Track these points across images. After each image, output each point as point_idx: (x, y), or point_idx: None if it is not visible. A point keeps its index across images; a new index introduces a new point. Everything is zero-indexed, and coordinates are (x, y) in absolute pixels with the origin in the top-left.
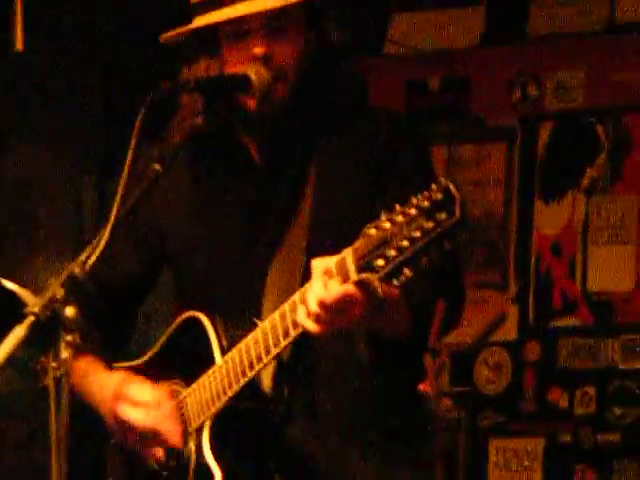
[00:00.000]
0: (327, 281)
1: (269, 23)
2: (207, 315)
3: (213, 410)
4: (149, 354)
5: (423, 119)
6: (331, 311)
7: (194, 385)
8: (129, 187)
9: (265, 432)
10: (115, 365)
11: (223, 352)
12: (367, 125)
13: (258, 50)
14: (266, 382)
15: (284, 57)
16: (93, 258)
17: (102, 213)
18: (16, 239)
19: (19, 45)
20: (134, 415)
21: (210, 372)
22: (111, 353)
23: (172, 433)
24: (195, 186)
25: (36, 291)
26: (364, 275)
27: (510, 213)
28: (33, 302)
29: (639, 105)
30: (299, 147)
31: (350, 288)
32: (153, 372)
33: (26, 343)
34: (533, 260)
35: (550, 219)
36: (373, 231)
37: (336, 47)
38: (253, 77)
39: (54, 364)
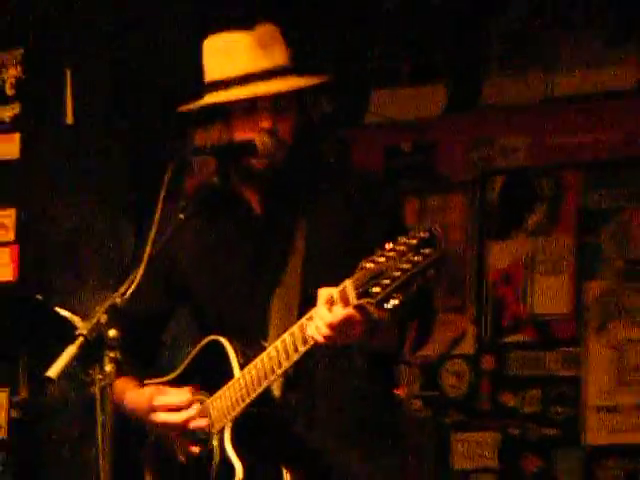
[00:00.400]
0: (331, 307)
1: (275, 103)
2: (226, 338)
3: (233, 414)
4: (177, 372)
5: (399, 176)
6: (336, 330)
7: (216, 395)
8: (158, 232)
9: (275, 432)
10: (146, 382)
11: (241, 368)
12: (349, 182)
13: (266, 124)
14: (276, 391)
15: (284, 130)
16: (130, 290)
17: (137, 253)
18: (68, 275)
19: (69, 119)
20: (168, 417)
21: (230, 384)
22: (142, 373)
23: (200, 428)
24: (203, 233)
25: (84, 317)
26: (363, 300)
27: (469, 251)
28: (82, 326)
29: (572, 163)
30: (293, 201)
31: (351, 311)
32: (180, 386)
33: (77, 359)
34: (488, 288)
35: (501, 255)
36: (370, 264)
37: (320, 121)
38: (259, 145)
39: (100, 376)
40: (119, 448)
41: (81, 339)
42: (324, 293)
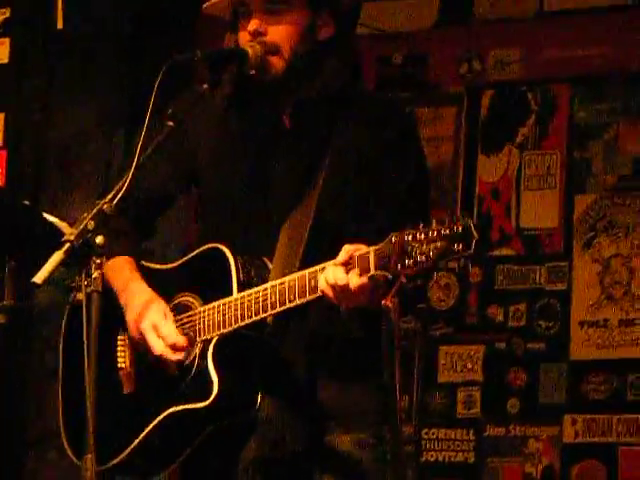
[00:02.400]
0: (347, 268)
1: (266, 5)
2: (230, 251)
3: (223, 331)
4: (173, 265)
5: (389, 87)
6: (345, 294)
7: (209, 306)
8: (148, 140)
9: (258, 355)
10: (143, 263)
11: (239, 286)
12: (369, 109)
13: (251, 27)
14: (269, 317)
15: (278, 34)
16: (118, 197)
17: (126, 162)
18: (58, 183)
19: (60, 24)
20: (153, 340)
21: (226, 300)
22: (138, 252)
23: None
24: (228, 127)
25: (72, 224)
26: (380, 272)
27: (458, 164)
28: (69, 232)
29: (563, 78)
30: (321, 120)
31: (366, 282)
32: (172, 280)
33: (63, 265)
34: (476, 202)
35: (490, 169)
36: (396, 239)
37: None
38: (250, 51)
39: (86, 282)
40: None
41: (68, 245)
42: (345, 251)
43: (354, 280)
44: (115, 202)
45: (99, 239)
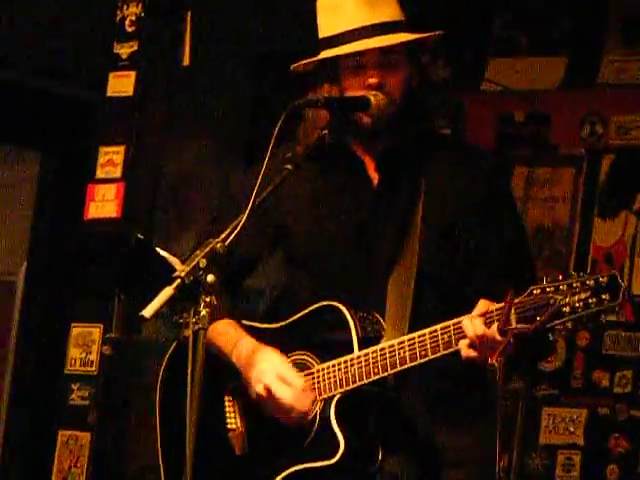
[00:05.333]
0: (486, 322)
1: (381, 59)
2: (347, 308)
3: (347, 388)
4: (282, 324)
5: (509, 144)
6: (484, 347)
7: (329, 363)
8: (263, 182)
9: (380, 410)
10: (245, 323)
11: (360, 343)
12: (467, 157)
13: (373, 80)
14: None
15: (393, 85)
16: (231, 237)
17: (238, 201)
18: (173, 219)
19: (186, 61)
20: (281, 390)
21: (348, 358)
22: (234, 314)
23: (306, 414)
24: (314, 185)
25: (184, 260)
26: (521, 326)
27: (574, 226)
28: (181, 268)
29: None
30: (410, 174)
31: (509, 335)
32: (284, 339)
33: (172, 301)
34: (589, 265)
35: (606, 233)
36: (537, 291)
37: (433, 80)
38: (372, 99)
39: (194, 320)
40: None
41: (178, 281)
42: (482, 304)
43: (496, 335)
44: (227, 242)
45: (210, 277)
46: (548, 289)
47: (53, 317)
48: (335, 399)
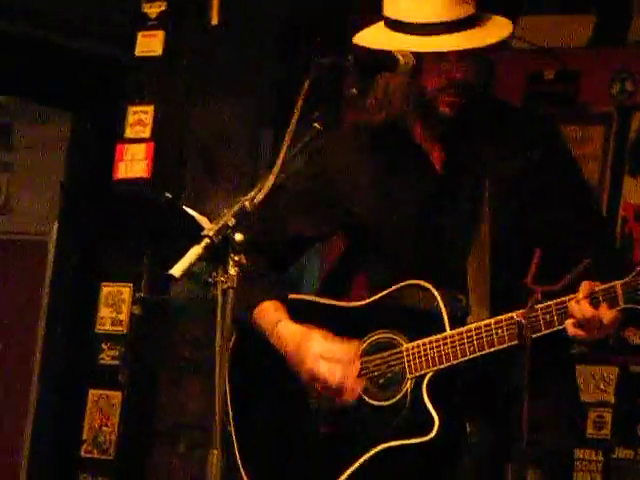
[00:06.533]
0: (591, 302)
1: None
2: (435, 287)
3: (440, 366)
4: (362, 302)
5: (539, 103)
6: (591, 326)
7: (419, 342)
8: (293, 141)
9: (465, 387)
10: (319, 301)
11: (451, 322)
12: (523, 125)
13: (459, 75)
14: None
15: (471, 75)
16: (260, 195)
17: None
18: (203, 178)
19: (215, 20)
20: (326, 367)
21: (440, 337)
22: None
23: (354, 390)
24: (377, 168)
25: (212, 219)
26: (630, 305)
27: (604, 183)
28: (209, 227)
29: None
30: (473, 141)
31: (616, 315)
32: (366, 317)
33: (201, 260)
34: (619, 223)
35: (636, 191)
36: None
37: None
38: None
39: (222, 278)
40: None
41: (207, 240)
42: (587, 286)
43: (606, 313)
44: (256, 201)
45: (238, 236)
46: None
47: (84, 277)
48: (427, 377)
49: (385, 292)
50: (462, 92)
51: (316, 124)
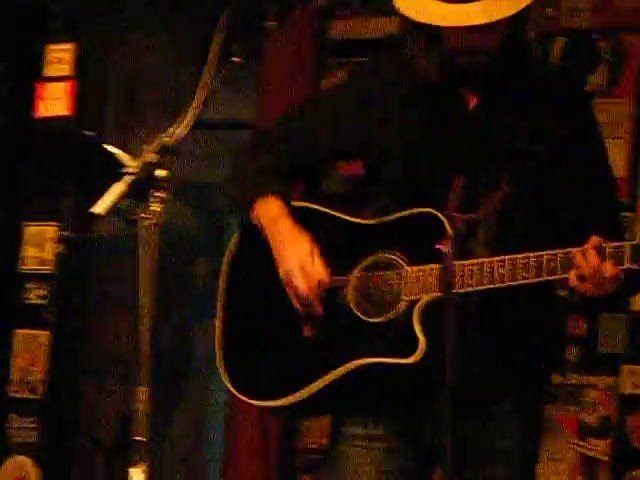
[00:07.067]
0: (599, 257)
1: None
2: (447, 218)
3: (437, 294)
4: (372, 221)
5: None
6: (594, 283)
7: (420, 267)
8: (213, 75)
9: (458, 324)
10: (332, 214)
11: (455, 253)
12: (554, 91)
13: (478, 44)
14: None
15: (495, 41)
16: (179, 130)
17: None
18: (126, 115)
19: None
20: (299, 280)
21: (442, 265)
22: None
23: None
24: (408, 109)
25: (135, 156)
26: (636, 266)
27: None
28: (131, 164)
29: (636, 26)
30: (509, 100)
31: (619, 272)
32: (372, 236)
33: (125, 197)
34: None
35: None
36: None
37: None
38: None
39: (145, 215)
40: None
41: (129, 177)
42: (595, 239)
43: (610, 269)
44: (178, 137)
45: (161, 172)
46: None
47: (6, 217)
48: (421, 302)
49: (398, 214)
50: (480, 59)
51: (234, 58)
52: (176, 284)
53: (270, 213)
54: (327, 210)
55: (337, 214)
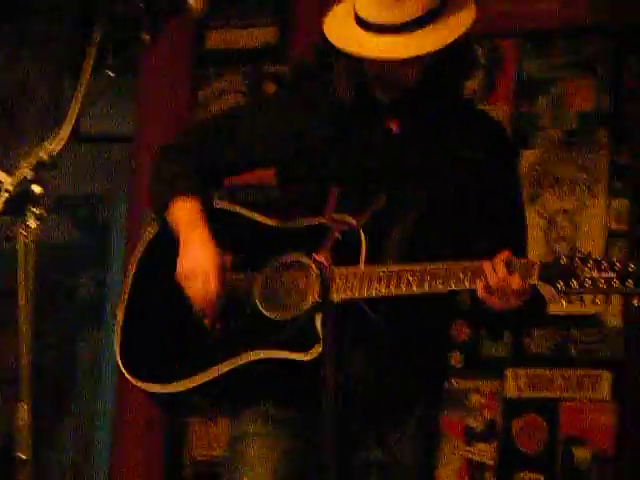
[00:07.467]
0: (507, 270)
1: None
2: (360, 225)
3: (342, 297)
4: (288, 224)
5: None
6: (499, 295)
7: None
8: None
9: (357, 327)
10: (245, 214)
11: (367, 259)
12: (478, 121)
13: (410, 83)
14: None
15: (411, 77)
16: (57, 146)
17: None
18: (3, 130)
19: None
20: (193, 288)
21: (351, 269)
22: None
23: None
24: (334, 119)
25: (10, 172)
26: (542, 283)
27: None
28: (7, 181)
29: (510, 32)
30: (428, 125)
31: (526, 287)
32: (283, 237)
33: (2, 214)
34: None
35: None
36: (564, 260)
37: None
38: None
39: (23, 232)
40: None
41: (4, 194)
42: (505, 254)
43: (516, 281)
44: (53, 152)
45: (37, 189)
46: (577, 259)
47: None
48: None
49: (312, 221)
50: (396, 94)
51: (109, 72)
52: (59, 297)
53: (184, 214)
54: (245, 211)
55: (254, 215)
